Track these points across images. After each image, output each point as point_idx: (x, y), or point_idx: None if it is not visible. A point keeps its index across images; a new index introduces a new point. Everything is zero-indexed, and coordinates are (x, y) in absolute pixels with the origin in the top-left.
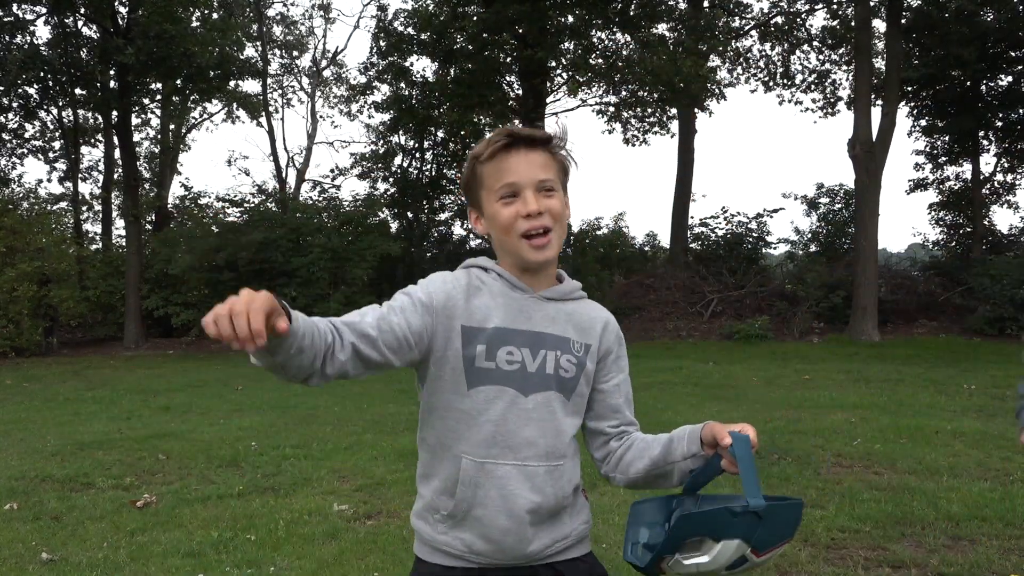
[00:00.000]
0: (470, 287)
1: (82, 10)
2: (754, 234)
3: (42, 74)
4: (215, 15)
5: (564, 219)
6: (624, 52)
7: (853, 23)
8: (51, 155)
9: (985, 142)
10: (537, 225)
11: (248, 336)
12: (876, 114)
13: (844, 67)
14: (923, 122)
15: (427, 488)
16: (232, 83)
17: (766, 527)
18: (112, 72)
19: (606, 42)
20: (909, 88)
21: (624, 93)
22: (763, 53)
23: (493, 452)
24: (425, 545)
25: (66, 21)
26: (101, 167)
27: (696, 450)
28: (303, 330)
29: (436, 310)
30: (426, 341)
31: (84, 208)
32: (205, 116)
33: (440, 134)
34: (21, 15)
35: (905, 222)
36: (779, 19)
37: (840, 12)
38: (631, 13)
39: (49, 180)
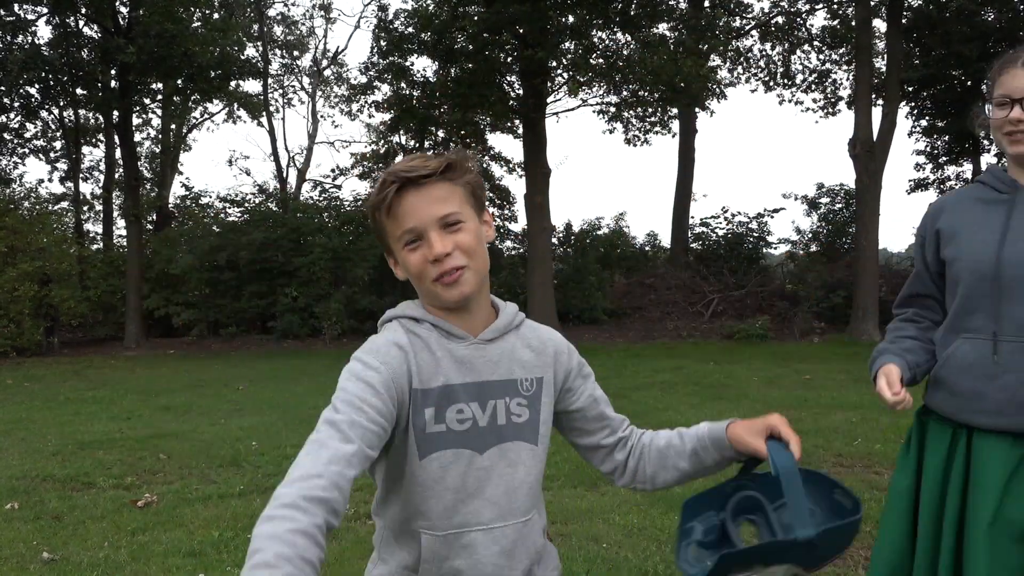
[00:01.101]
0: (412, 345)
1: (83, 10)
2: (755, 234)
3: (43, 74)
4: (216, 15)
5: (479, 248)
6: (625, 52)
7: (853, 23)
8: (52, 155)
9: (986, 142)
10: (447, 268)
11: None
12: (876, 114)
13: (844, 67)
14: (923, 122)
15: (388, 565)
16: (233, 83)
17: (819, 549)
18: (113, 72)
19: (607, 42)
20: (909, 88)
21: (625, 93)
22: (763, 53)
23: (456, 521)
24: None
25: (67, 21)
26: (102, 167)
27: (730, 455)
28: None
29: (394, 382)
30: (393, 421)
31: (85, 208)
32: (206, 116)
33: (441, 134)
34: (22, 15)
35: (906, 222)
36: (780, 19)
37: (840, 12)
38: (632, 13)
39: (50, 180)
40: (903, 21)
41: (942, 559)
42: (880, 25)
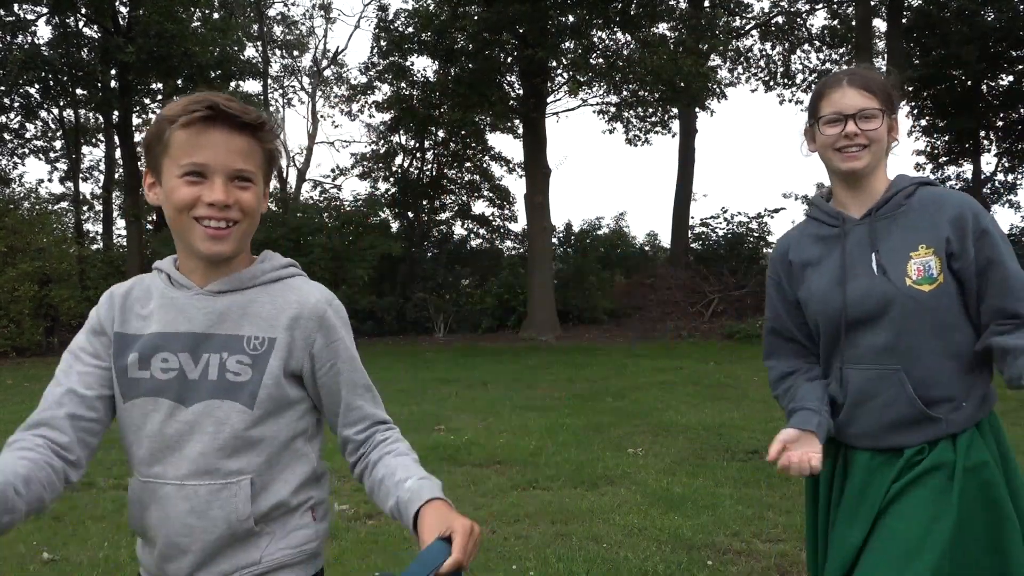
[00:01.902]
0: (131, 292)
1: (83, 10)
2: (755, 234)
3: (43, 74)
4: (216, 15)
5: (256, 214)
6: (625, 52)
7: (853, 23)
8: (52, 155)
9: (986, 142)
10: (220, 216)
11: None
12: None
13: (845, 67)
14: (924, 122)
15: None
16: (233, 83)
17: None
18: (113, 72)
19: (607, 42)
20: (910, 88)
21: (625, 93)
22: (764, 52)
23: (155, 470)
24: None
25: (67, 21)
26: (102, 167)
27: (410, 530)
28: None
29: (100, 325)
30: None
31: (85, 208)
32: None
33: (441, 134)
34: (22, 15)
35: None
36: (780, 19)
37: (840, 12)
38: (632, 13)
39: (50, 180)
40: (903, 21)
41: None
42: (880, 25)
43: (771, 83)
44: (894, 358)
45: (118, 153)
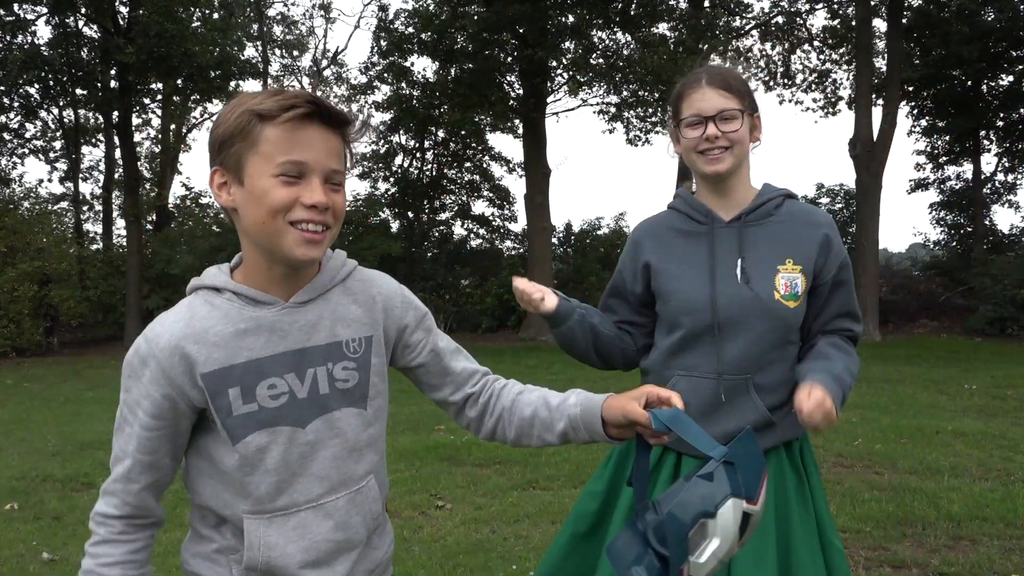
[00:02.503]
0: (190, 328)
1: (83, 10)
2: None
3: (43, 74)
4: (215, 15)
5: (342, 219)
6: (625, 52)
7: (854, 23)
8: (52, 155)
9: (986, 142)
10: (318, 220)
11: None
12: (877, 114)
13: (845, 67)
14: (924, 122)
15: (206, 545)
16: (233, 83)
17: (741, 469)
18: (113, 72)
19: (606, 42)
20: (910, 88)
21: (625, 93)
22: (763, 53)
23: (282, 502)
24: None
25: (67, 21)
26: (102, 167)
27: (601, 438)
28: None
29: (164, 375)
30: (186, 421)
31: (85, 208)
32: (206, 116)
33: (441, 134)
34: (22, 15)
35: (906, 222)
36: (780, 19)
37: (840, 12)
38: (632, 13)
39: (50, 180)
40: (903, 21)
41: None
42: (880, 25)
43: (771, 83)
44: (746, 366)
45: (118, 153)
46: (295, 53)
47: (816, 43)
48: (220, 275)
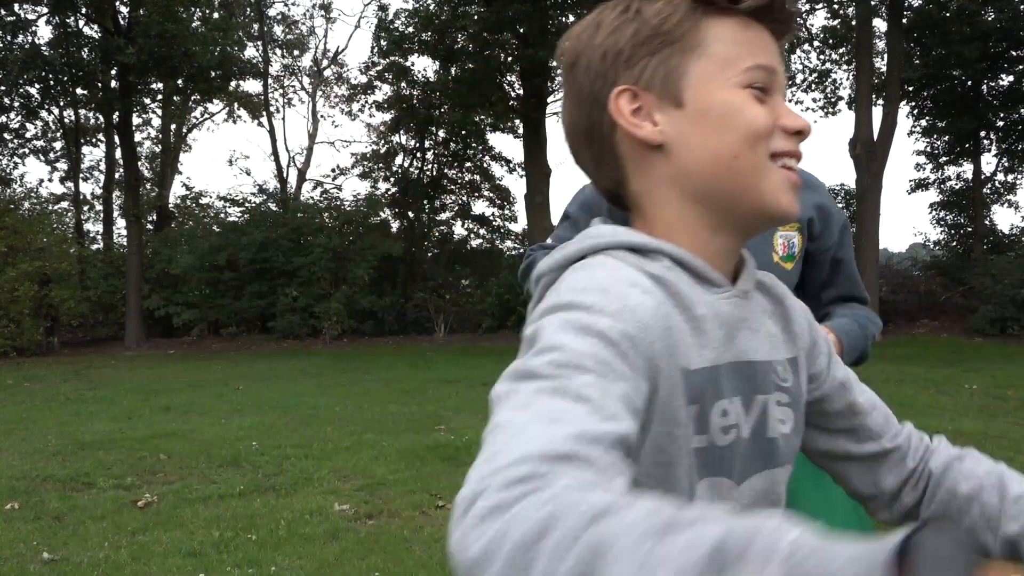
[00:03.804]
0: (667, 288)
1: (83, 10)
2: None
3: (43, 74)
4: (216, 15)
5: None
6: None
7: (854, 23)
8: (52, 155)
9: (986, 142)
10: (799, 153)
11: None
12: (877, 114)
13: (845, 67)
14: (924, 122)
15: None
16: (233, 83)
17: None
18: (113, 72)
19: None
20: (910, 88)
21: None
22: None
23: None
24: None
25: (67, 21)
26: (102, 167)
27: None
28: None
29: (649, 351)
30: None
31: (85, 208)
32: (206, 116)
33: (441, 134)
34: (22, 15)
35: (906, 222)
36: None
37: (841, 12)
38: None
39: (50, 180)
40: (903, 21)
41: None
42: (880, 25)
43: None
44: None
45: (118, 153)
46: (295, 53)
47: (816, 43)
48: (637, 234)
